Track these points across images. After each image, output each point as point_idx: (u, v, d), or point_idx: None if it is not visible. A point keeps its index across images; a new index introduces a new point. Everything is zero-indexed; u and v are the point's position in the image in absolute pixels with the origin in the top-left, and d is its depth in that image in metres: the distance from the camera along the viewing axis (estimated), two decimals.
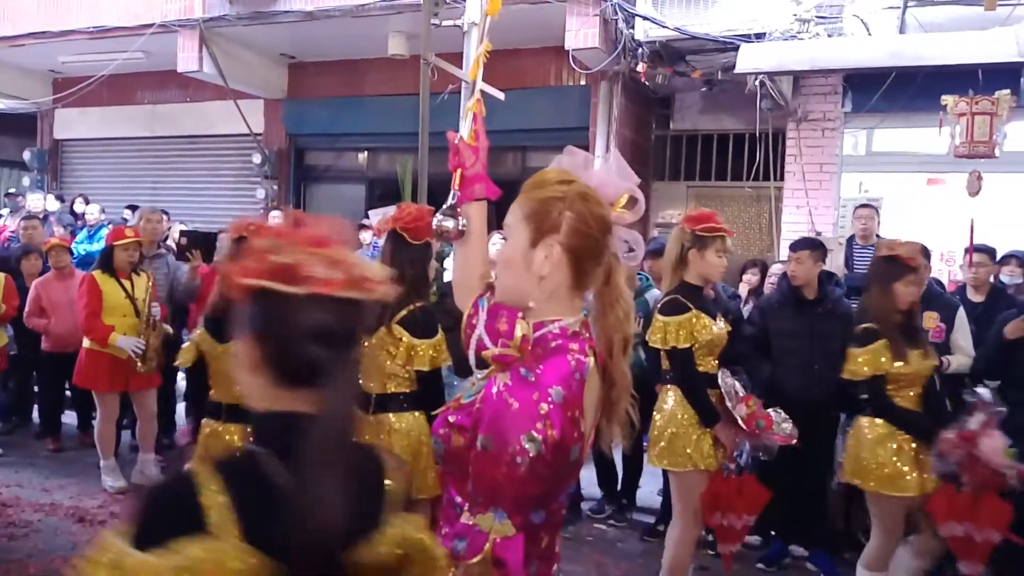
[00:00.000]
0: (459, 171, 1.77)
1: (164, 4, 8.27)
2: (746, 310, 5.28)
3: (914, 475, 3.33)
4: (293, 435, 1.04)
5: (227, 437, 3.41)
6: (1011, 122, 5.82)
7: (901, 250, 3.41)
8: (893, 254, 3.42)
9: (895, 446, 3.37)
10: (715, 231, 3.39)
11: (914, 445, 3.36)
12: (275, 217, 7.97)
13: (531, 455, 1.32)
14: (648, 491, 5.30)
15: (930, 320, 4.23)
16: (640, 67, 6.89)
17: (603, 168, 1.59)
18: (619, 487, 5.22)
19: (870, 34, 6.53)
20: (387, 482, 1.20)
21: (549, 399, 1.35)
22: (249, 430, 2.97)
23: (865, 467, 3.43)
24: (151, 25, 8.25)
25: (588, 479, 5.26)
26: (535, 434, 1.32)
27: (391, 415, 3.15)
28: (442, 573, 1.19)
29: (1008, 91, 5.67)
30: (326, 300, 1.06)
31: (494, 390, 1.39)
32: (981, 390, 3.39)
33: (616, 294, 1.50)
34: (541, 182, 1.52)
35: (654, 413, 3.53)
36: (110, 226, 7.02)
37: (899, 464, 3.34)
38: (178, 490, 1.02)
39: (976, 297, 4.85)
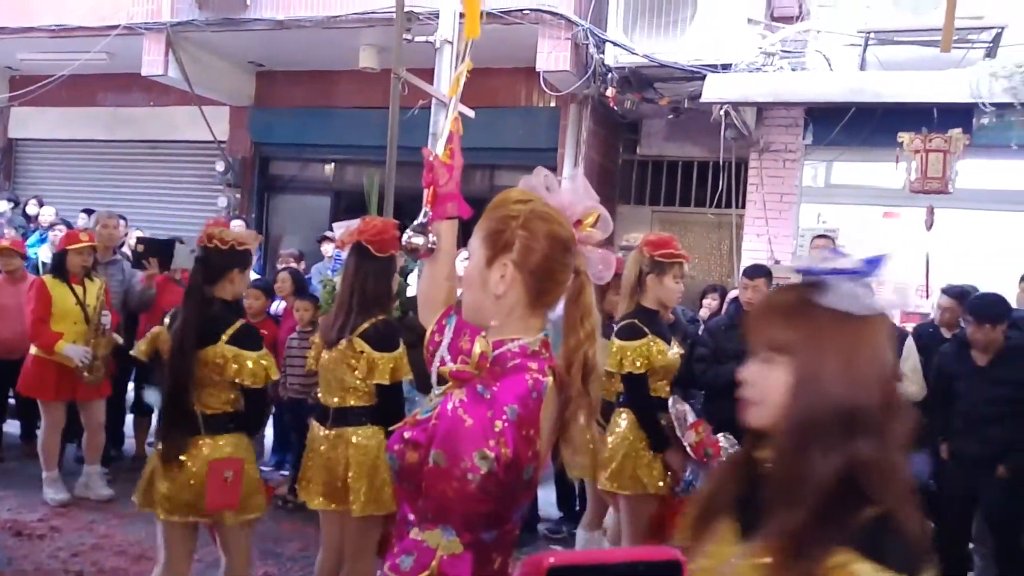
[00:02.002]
0: (432, 188, 1.76)
1: (131, 6, 8.14)
2: None
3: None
4: None
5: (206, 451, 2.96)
6: (963, 160, 6.03)
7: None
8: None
9: None
10: (673, 257, 3.44)
11: None
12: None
13: (482, 472, 1.31)
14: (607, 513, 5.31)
15: None
16: (609, 92, 6.96)
17: (570, 187, 1.60)
18: (577, 508, 5.22)
19: (832, 69, 6.69)
20: None
21: (504, 417, 1.34)
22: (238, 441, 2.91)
23: None
24: (116, 27, 8.10)
25: (547, 499, 5.25)
26: (487, 451, 1.32)
27: (350, 429, 3.12)
28: None
29: (960, 130, 5.88)
30: None
31: (449, 406, 1.38)
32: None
33: (583, 312, 1.50)
34: (501, 201, 1.53)
35: (607, 435, 3.54)
36: (59, 229, 6.83)
37: None
38: None
39: (947, 333, 4.96)
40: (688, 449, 3.32)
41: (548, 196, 1.54)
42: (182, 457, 2.89)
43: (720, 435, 3.52)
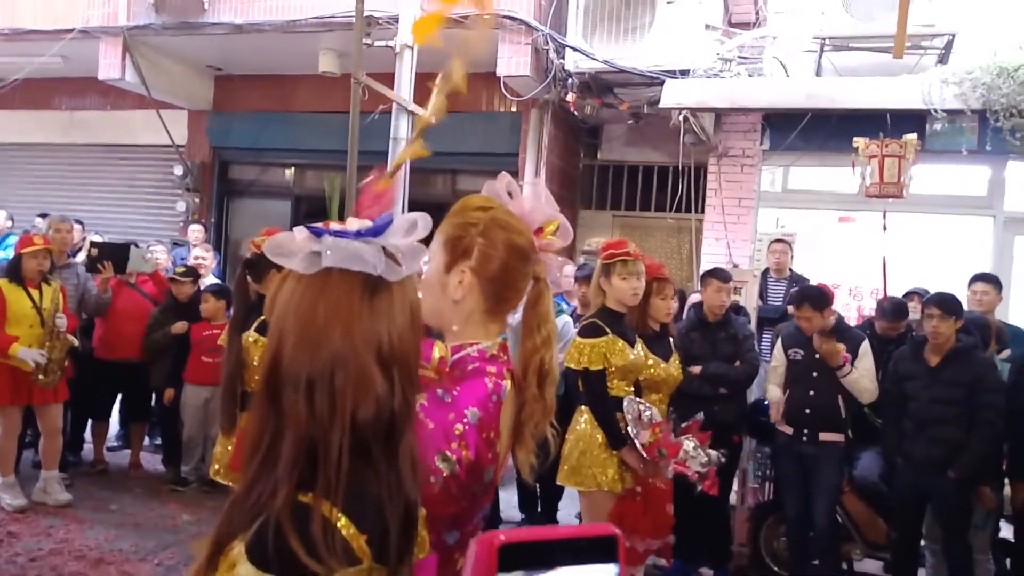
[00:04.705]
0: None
1: (86, 9, 8.01)
2: None
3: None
4: None
5: None
6: (916, 165, 6.15)
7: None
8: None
9: None
10: (614, 257, 3.51)
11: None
12: (195, 231, 7.80)
13: (444, 475, 1.33)
14: (567, 514, 5.34)
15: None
16: (570, 97, 7.01)
17: (531, 194, 1.61)
18: (539, 510, 5.25)
19: (788, 76, 6.80)
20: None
21: (465, 420, 1.36)
22: None
23: None
24: (71, 30, 7.98)
25: (508, 502, 5.27)
26: (449, 454, 1.33)
27: None
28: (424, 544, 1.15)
29: (915, 135, 5.99)
30: None
31: None
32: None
33: (540, 319, 1.52)
34: (462, 207, 1.54)
35: (567, 433, 3.58)
36: (17, 233, 6.76)
37: None
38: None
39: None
40: (640, 449, 3.37)
41: (510, 203, 1.55)
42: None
43: (684, 438, 3.58)
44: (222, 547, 0.93)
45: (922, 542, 4.47)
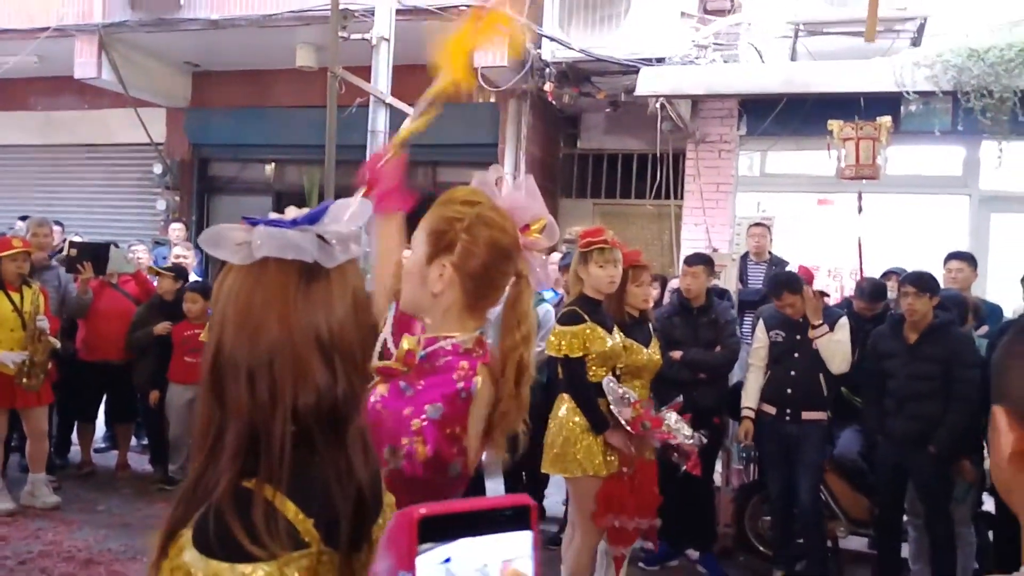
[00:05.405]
0: (373, 185, 1.73)
1: (60, 7, 7.94)
2: None
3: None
4: None
5: None
6: (891, 146, 6.21)
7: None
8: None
9: None
10: (591, 245, 3.53)
11: None
12: (175, 229, 7.78)
13: (389, 467, 1.33)
14: (555, 501, 5.38)
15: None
16: (547, 87, 7.04)
17: (518, 191, 1.60)
18: None
19: (764, 61, 6.85)
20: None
21: (424, 415, 1.37)
22: None
23: None
24: (46, 29, 7.91)
25: (495, 491, 5.29)
26: (398, 448, 1.34)
27: None
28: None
29: (889, 117, 6.04)
30: None
31: (373, 399, 1.41)
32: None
33: (519, 317, 1.51)
34: (448, 199, 1.54)
35: (549, 421, 3.62)
36: None
37: None
38: None
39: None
40: (625, 424, 3.40)
41: (498, 197, 1.55)
42: None
43: (665, 410, 3.61)
44: (173, 535, 0.94)
45: (904, 517, 4.53)
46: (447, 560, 0.81)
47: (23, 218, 7.77)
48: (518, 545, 0.86)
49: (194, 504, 0.95)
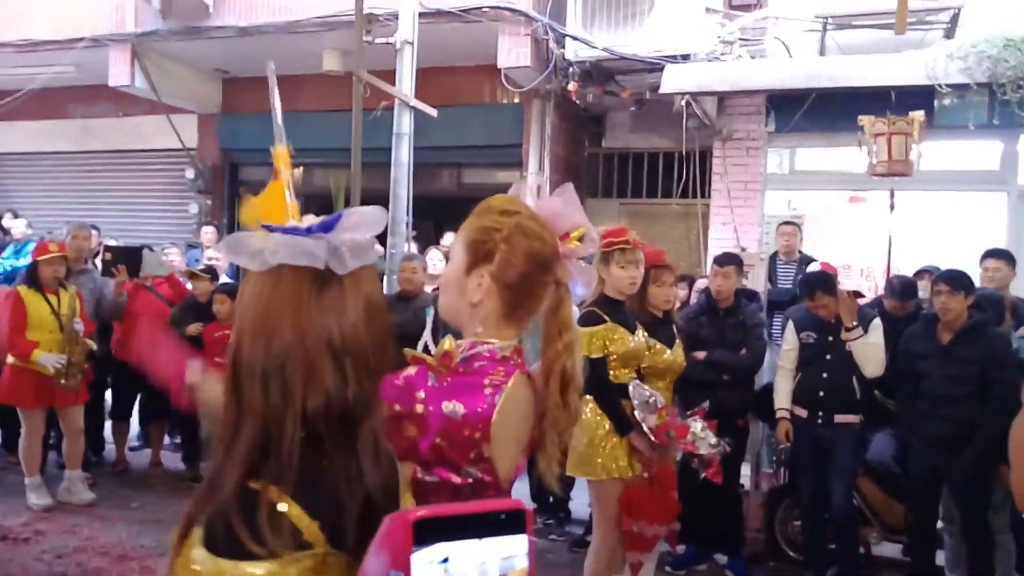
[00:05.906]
0: None
1: (95, 19, 8.13)
2: None
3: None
4: None
5: None
6: (924, 142, 6.08)
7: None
8: None
9: None
10: (612, 245, 3.48)
11: None
12: (207, 232, 7.89)
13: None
14: (580, 503, 5.36)
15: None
16: (571, 86, 7.01)
17: (558, 199, 1.59)
18: (551, 499, 5.26)
19: (791, 56, 6.75)
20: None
21: (428, 407, 1.39)
22: None
23: None
24: (82, 39, 8.09)
25: (521, 492, 5.30)
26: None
27: None
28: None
29: (922, 112, 5.91)
30: None
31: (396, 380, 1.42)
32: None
33: (560, 326, 1.50)
34: (486, 209, 1.53)
35: None
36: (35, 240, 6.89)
37: None
38: None
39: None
40: (648, 431, 3.37)
41: (537, 206, 1.55)
42: None
43: (691, 419, 3.57)
44: (187, 532, 0.97)
45: (939, 524, 4.37)
46: (445, 560, 0.82)
47: (15, 216, 8.04)
48: (514, 549, 0.86)
49: (207, 501, 0.97)
